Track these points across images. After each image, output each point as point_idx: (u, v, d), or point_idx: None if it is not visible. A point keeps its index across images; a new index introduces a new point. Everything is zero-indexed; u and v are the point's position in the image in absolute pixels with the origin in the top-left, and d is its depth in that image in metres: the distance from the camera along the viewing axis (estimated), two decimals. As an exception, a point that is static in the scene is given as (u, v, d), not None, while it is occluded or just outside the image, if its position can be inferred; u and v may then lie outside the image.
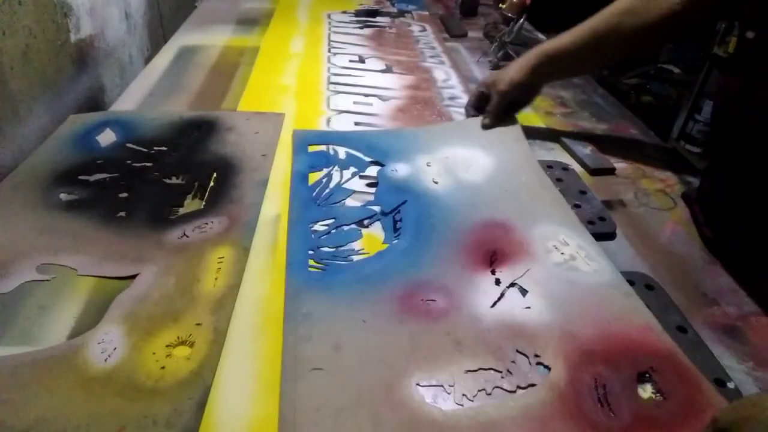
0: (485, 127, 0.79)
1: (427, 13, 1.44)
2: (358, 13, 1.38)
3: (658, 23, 0.68)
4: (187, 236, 0.58)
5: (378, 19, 1.36)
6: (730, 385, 0.44)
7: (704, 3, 0.66)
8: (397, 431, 0.40)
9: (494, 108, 0.80)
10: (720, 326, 0.51)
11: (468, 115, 0.84)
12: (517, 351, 0.46)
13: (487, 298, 0.52)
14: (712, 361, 0.46)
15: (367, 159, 0.74)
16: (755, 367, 0.47)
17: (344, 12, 1.39)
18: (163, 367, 0.44)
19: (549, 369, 0.45)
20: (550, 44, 0.77)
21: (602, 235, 0.62)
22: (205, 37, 1.16)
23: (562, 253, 0.57)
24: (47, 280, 0.52)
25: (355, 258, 0.57)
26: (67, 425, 0.39)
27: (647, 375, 0.44)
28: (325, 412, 0.41)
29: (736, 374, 0.46)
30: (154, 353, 0.45)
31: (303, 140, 0.77)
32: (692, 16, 0.67)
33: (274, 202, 0.64)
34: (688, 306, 0.53)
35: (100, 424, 0.39)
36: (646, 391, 0.43)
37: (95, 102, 0.97)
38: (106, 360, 0.44)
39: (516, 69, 0.78)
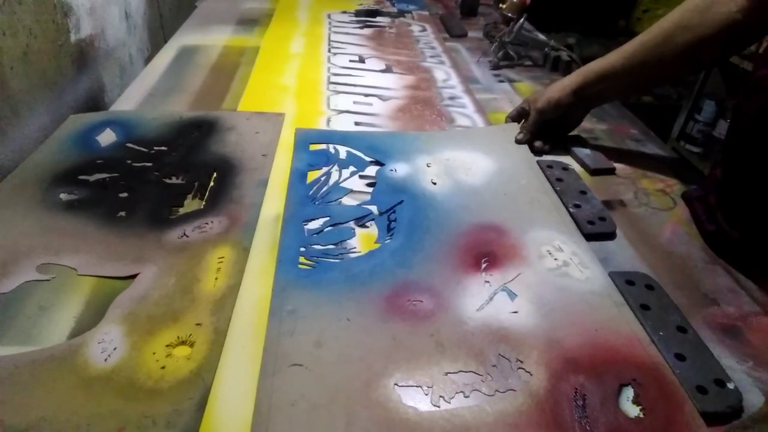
0: (518, 142, 0.79)
1: (427, 13, 1.44)
2: (358, 13, 1.38)
3: (716, 35, 0.62)
4: (187, 236, 0.58)
5: (378, 19, 1.36)
6: (730, 385, 0.44)
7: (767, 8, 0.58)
8: (369, 430, 0.40)
9: (529, 125, 0.79)
10: (720, 326, 0.51)
11: (516, 136, 0.82)
12: (500, 355, 0.46)
13: (474, 301, 0.52)
14: (711, 361, 0.46)
15: (368, 159, 0.74)
16: (755, 367, 0.47)
17: (344, 12, 1.39)
18: (163, 367, 0.44)
19: (531, 375, 0.44)
20: (596, 62, 0.74)
21: (602, 235, 0.62)
22: (205, 37, 1.17)
23: (555, 259, 0.57)
24: (47, 280, 0.52)
25: (348, 257, 0.57)
26: (67, 425, 0.39)
27: (629, 387, 0.44)
28: (300, 407, 0.41)
29: (736, 374, 0.46)
30: (154, 353, 0.45)
31: (305, 138, 0.77)
32: (754, 24, 0.61)
33: (274, 203, 0.64)
34: (688, 306, 0.53)
35: (100, 424, 0.39)
36: (627, 403, 0.43)
37: (95, 102, 0.97)
38: (106, 360, 0.44)
39: (557, 88, 0.76)
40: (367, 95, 0.94)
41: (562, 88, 0.76)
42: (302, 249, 0.57)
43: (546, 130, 0.79)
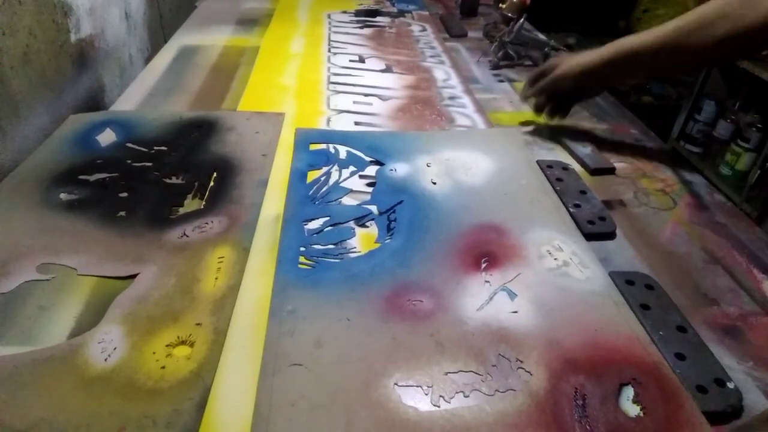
0: (523, 96, 0.77)
1: (427, 13, 1.44)
2: (358, 13, 1.38)
3: (756, 29, 0.62)
4: (187, 236, 0.58)
5: (378, 19, 1.36)
6: (730, 385, 0.44)
7: None
8: (370, 430, 0.40)
9: (545, 83, 0.77)
10: (720, 326, 0.51)
11: (524, 90, 0.81)
12: (500, 355, 0.46)
13: (474, 300, 0.52)
14: (711, 361, 0.46)
15: (368, 158, 0.74)
16: (755, 367, 0.47)
17: (344, 12, 1.39)
18: (163, 367, 0.44)
19: (530, 374, 0.44)
20: (629, 39, 0.73)
21: (602, 235, 0.62)
22: (205, 37, 1.17)
23: (555, 259, 0.57)
24: (47, 280, 0.52)
25: (348, 256, 0.57)
26: (67, 425, 0.39)
27: (629, 387, 0.44)
28: (300, 407, 0.41)
29: (736, 374, 0.46)
30: (154, 353, 0.45)
31: (305, 138, 0.77)
32: None
33: (274, 202, 0.64)
34: (688, 306, 0.53)
35: (100, 424, 0.39)
36: (627, 403, 0.43)
37: (95, 102, 0.97)
38: (106, 360, 0.44)
39: (588, 55, 0.75)
40: (367, 95, 0.94)
41: (593, 55, 0.74)
42: (302, 249, 0.57)
43: (558, 97, 0.78)
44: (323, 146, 0.76)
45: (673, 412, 0.42)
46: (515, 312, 0.50)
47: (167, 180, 0.68)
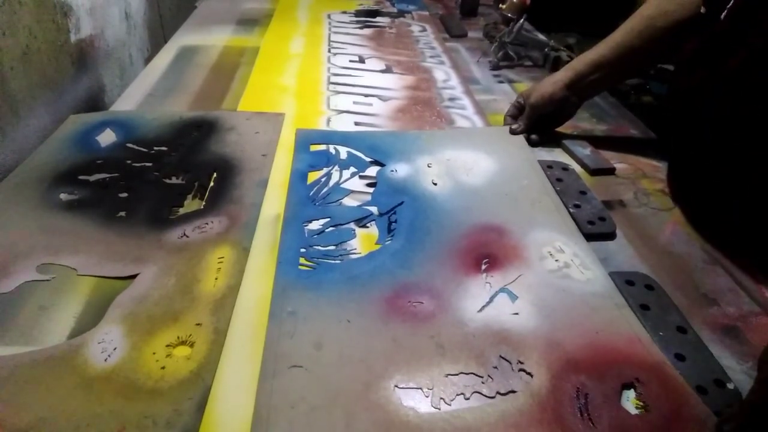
0: (513, 132, 0.81)
1: (427, 13, 1.44)
2: (358, 14, 1.38)
3: (689, 19, 0.67)
4: (187, 236, 0.58)
5: (378, 19, 1.36)
6: (730, 386, 0.44)
7: None
8: None
9: (525, 119, 0.81)
10: (720, 326, 0.51)
11: (505, 124, 0.84)
12: (501, 357, 0.46)
13: (475, 302, 0.52)
14: (711, 361, 0.46)
15: (368, 159, 0.74)
16: (755, 368, 0.47)
17: (344, 12, 1.39)
18: (163, 367, 0.44)
19: (531, 376, 0.44)
20: (585, 55, 0.77)
21: (602, 235, 0.62)
22: (205, 37, 1.17)
23: (556, 260, 0.57)
24: (47, 280, 0.52)
25: (348, 258, 0.57)
26: (67, 425, 0.39)
27: (632, 386, 0.44)
28: (299, 409, 0.41)
29: (736, 375, 0.46)
30: (154, 353, 0.45)
31: (306, 139, 0.77)
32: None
33: (274, 202, 0.64)
34: (688, 306, 0.53)
35: (100, 424, 0.39)
36: (629, 402, 0.43)
37: (95, 102, 0.97)
38: (106, 360, 0.44)
39: (549, 82, 0.78)
40: (367, 95, 0.94)
41: (554, 83, 0.78)
42: (302, 250, 0.57)
43: (540, 123, 0.81)
44: (324, 147, 0.76)
45: (677, 408, 0.42)
46: (516, 314, 0.50)
47: (167, 180, 0.68)
